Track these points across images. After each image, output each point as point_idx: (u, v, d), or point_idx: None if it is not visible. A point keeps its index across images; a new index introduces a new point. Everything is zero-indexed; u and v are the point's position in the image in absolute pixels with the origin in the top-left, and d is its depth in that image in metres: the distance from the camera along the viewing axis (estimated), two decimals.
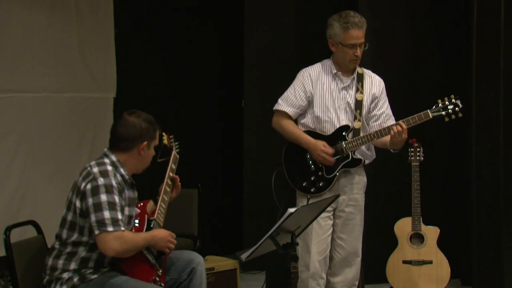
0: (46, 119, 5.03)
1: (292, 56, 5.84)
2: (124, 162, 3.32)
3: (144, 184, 3.62)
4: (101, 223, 3.12)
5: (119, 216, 3.16)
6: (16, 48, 4.81)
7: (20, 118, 4.86)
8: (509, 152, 4.86)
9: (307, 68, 4.07)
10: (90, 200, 3.15)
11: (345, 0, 5.19)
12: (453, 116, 3.88)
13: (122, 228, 3.17)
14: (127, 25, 5.61)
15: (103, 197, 3.15)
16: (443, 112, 3.87)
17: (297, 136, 4.01)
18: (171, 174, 3.59)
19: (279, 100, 4.08)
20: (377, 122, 4.03)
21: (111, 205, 3.15)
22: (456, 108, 3.87)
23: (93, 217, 3.13)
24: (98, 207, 3.13)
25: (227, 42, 6.31)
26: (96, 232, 3.13)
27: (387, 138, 3.92)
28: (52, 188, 4.99)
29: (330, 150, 3.91)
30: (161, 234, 3.35)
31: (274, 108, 4.10)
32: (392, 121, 4.03)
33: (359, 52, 3.91)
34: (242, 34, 5.94)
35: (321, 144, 3.92)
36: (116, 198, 3.18)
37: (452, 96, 3.89)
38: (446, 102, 3.88)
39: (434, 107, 3.88)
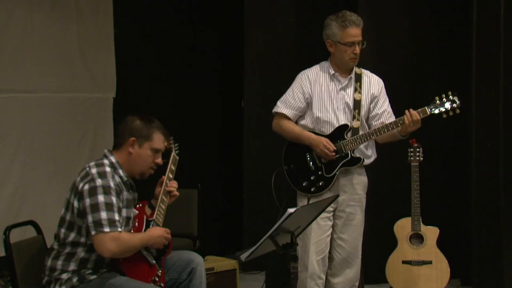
0: (46, 119, 5.03)
1: (292, 56, 5.83)
2: (123, 164, 3.31)
3: (144, 186, 3.61)
4: (98, 224, 3.12)
5: (116, 217, 3.16)
6: (16, 48, 4.81)
7: (20, 118, 4.86)
8: (509, 152, 4.85)
9: (305, 71, 4.10)
10: (87, 201, 3.15)
11: (345, 0, 5.18)
12: (451, 113, 3.89)
13: (119, 229, 3.16)
14: (127, 25, 5.60)
15: (100, 198, 3.14)
16: (441, 109, 3.88)
17: (298, 134, 4.02)
18: (170, 176, 3.59)
19: (278, 103, 4.09)
20: (379, 121, 4.04)
21: (108, 206, 3.15)
22: (454, 105, 3.89)
23: (90, 218, 3.13)
24: (95, 207, 3.13)
25: (227, 42, 6.30)
26: (93, 232, 3.13)
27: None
28: (52, 188, 4.99)
29: (332, 147, 3.92)
30: (157, 233, 3.34)
31: (273, 110, 4.11)
32: (393, 119, 4.03)
33: (358, 50, 3.93)
34: (242, 34, 5.94)
35: (324, 140, 3.93)
36: (114, 199, 3.18)
37: (450, 92, 3.90)
38: (444, 99, 3.89)
39: (431, 104, 3.89)
